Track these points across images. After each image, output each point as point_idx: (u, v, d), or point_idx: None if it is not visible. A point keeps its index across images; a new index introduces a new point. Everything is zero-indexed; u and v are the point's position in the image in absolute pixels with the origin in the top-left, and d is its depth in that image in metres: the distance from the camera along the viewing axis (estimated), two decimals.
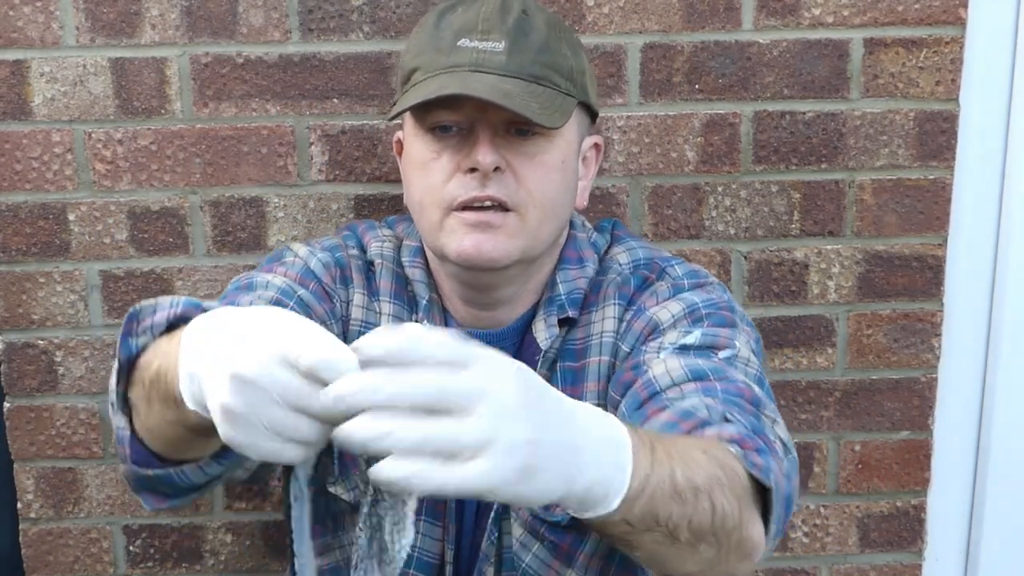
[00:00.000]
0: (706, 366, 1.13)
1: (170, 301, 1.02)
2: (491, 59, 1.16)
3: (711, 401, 1.07)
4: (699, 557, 0.95)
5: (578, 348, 1.28)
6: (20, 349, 1.61)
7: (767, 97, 1.57)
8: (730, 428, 1.03)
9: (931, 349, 1.66)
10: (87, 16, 1.51)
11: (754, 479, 1.00)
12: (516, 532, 1.27)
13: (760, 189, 1.60)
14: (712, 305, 1.23)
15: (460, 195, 1.18)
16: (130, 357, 0.99)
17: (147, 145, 1.55)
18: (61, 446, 1.64)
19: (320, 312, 1.24)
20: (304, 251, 1.31)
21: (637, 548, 0.93)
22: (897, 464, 1.70)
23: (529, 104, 1.14)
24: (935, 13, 1.55)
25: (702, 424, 1.04)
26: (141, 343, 0.99)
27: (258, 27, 1.52)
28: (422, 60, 1.20)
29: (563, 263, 1.30)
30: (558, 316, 1.27)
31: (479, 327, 1.30)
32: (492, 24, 1.17)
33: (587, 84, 1.24)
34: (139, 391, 0.98)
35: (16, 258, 1.58)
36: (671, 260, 1.31)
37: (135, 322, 1.01)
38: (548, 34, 1.20)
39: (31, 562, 1.68)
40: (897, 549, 1.73)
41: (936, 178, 1.61)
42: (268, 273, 1.27)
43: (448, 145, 1.19)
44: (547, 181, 1.20)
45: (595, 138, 1.32)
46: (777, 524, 1.04)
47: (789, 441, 1.11)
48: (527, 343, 1.29)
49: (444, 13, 1.22)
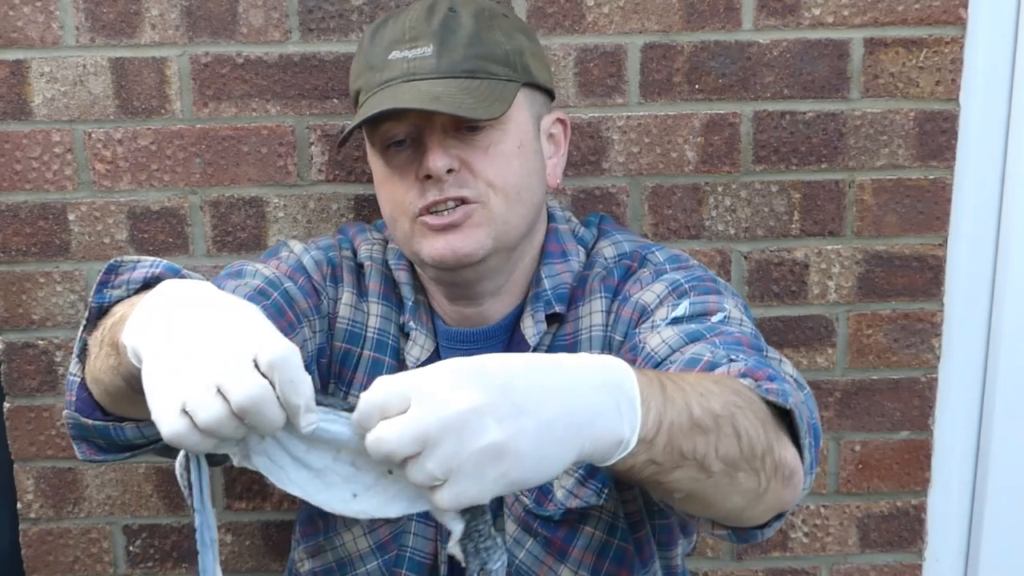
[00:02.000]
0: (700, 328, 1.13)
1: (151, 261, 1.05)
2: (421, 65, 1.18)
3: (711, 347, 1.08)
4: (740, 488, 0.95)
5: (568, 343, 1.29)
6: (20, 349, 1.61)
7: (767, 97, 1.57)
8: (737, 365, 1.03)
9: (931, 349, 1.66)
10: (87, 16, 1.51)
11: (772, 405, 0.99)
12: (510, 528, 1.27)
13: (760, 189, 1.60)
14: (694, 279, 1.23)
15: (420, 203, 1.20)
16: (101, 307, 1.02)
17: (147, 145, 1.55)
18: (61, 446, 1.64)
19: (303, 307, 1.26)
20: (299, 248, 1.34)
21: (675, 489, 0.93)
22: (897, 464, 1.70)
23: (463, 101, 1.15)
24: (935, 13, 1.55)
25: (710, 367, 1.04)
26: (115, 295, 1.02)
27: (258, 27, 1.52)
28: (362, 81, 1.24)
29: (546, 257, 1.30)
30: (545, 312, 1.28)
31: (466, 326, 1.31)
32: (419, 31, 1.19)
33: (529, 64, 1.24)
34: (97, 336, 1.01)
35: (16, 258, 1.58)
36: (652, 247, 1.32)
37: (113, 274, 1.04)
38: (477, 25, 1.20)
39: (31, 562, 1.68)
40: (897, 549, 1.73)
41: (936, 178, 1.61)
42: (261, 263, 1.30)
43: (403, 158, 1.21)
44: (506, 168, 1.21)
45: (556, 114, 1.32)
46: (810, 452, 1.03)
47: (800, 377, 1.12)
48: (516, 340, 1.29)
49: (377, 29, 1.24)
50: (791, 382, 1.06)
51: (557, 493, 1.26)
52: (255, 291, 1.22)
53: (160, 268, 1.03)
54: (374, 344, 1.31)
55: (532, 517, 1.27)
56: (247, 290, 1.22)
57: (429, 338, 1.31)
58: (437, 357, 1.30)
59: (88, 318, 1.04)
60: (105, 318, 1.02)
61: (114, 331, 0.94)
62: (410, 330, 1.30)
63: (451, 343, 1.31)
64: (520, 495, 1.26)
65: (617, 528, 1.26)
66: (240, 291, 1.21)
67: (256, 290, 1.23)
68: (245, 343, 0.77)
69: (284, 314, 1.23)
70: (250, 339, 0.78)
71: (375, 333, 1.31)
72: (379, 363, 1.30)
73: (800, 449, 1.01)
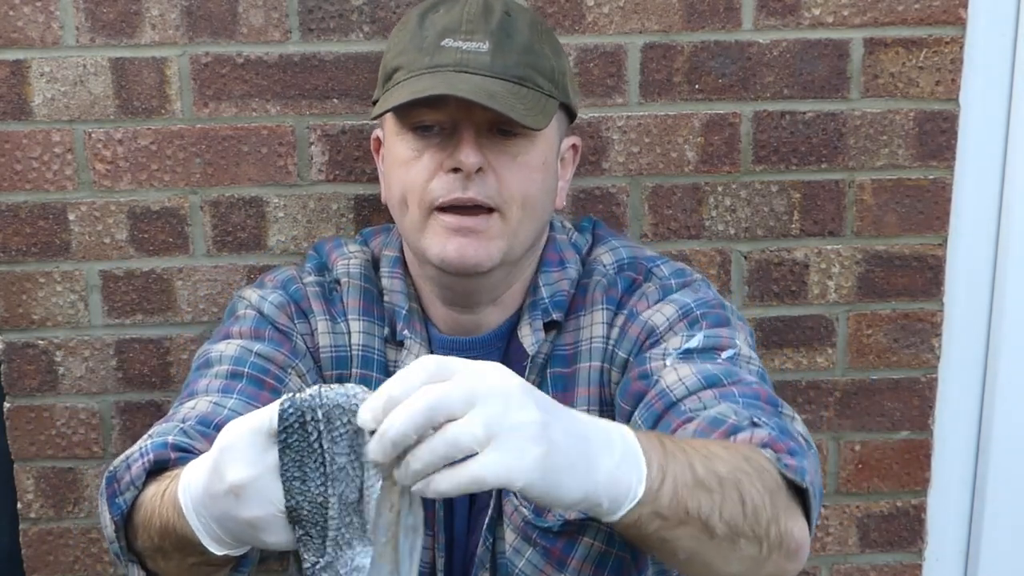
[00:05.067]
0: (716, 370, 1.13)
1: (139, 451, 1.04)
2: (475, 59, 1.16)
3: (735, 407, 1.08)
4: (742, 554, 0.95)
5: (568, 353, 1.28)
6: (20, 349, 1.61)
7: (767, 97, 1.57)
8: (760, 432, 1.03)
9: (931, 349, 1.66)
10: (87, 16, 1.51)
11: (789, 479, 1.00)
12: (509, 538, 1.27)
13: (760, 189, 1.60)
14: (704, 304, 1.23)
15: (442, 195, 1.18)
16: (123, 515, 1.02)
17: (147, 145, 1.55)
18: (61, 446, 1.64)
19: (280, 360, 1.24)
20: (255, 297, 1.30)
21: (679, 548, 0.93)
22: (897, 464, 1.70)
23: (514, 105, 1.14)
24: (935, 13, 1.55)
25: (733, 430, 1.04)
26: (129, 499, 1.02)
27: (258, 27, 1.52)
28: (404, 59, 1.20)
29: (544, 265, 1.29)
30: (543, 320, 1.27)
31: (462, 334, 1.29)
32: (476, 25, 1.18)
33: (567, 85, 1.24)
34: (148, 543, 1.00)
35: (16, 258, 1.58)
36: (655, 259, 1.31)
37: (115, 482, 1.03)
38: (531, 35, 1.20)
39: (31, 562, 1.68)
40: (897, 549, 1.73)
41: (936, 178, 1.61)
42: (223, 341, 1.27)
43: (430, 144, 1.19)
44: (529, 181, 1.20)
45: (572, 139, 1.32)
46: (814, 522, 1.04)
47: (808, 435, 1.12)
48: (513, 349, 1.28)
49: (427, 13, 1.22)
50: (801, 442, 1.07)
51: None
52: (227, 377, 1.20)
53: (152, 455, 1.03)
54: (360, 361, 1.29)
55: (531, 528, 1.26)
56: (219, 382, 1.20)
57: (423, 346, 1.29)
58: None
59: (115, 529, 1.03)
60: (140, 526, 1.01)
61: (171, 539, 0.95)
62: (404, 339, 1.28)
63: (446, 351, 1.28)
64: (519, 505, 1.26)
65: (615, 538, 1.26)
66: (213, 385, 1.19)
67: (227, 375, 1.21)
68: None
69: (263, 383, 1.21)
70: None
71: (359, 350, 1.29)
72: (367, 379, 1.28)
73: (810, 524, 1.02)
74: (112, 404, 1.63)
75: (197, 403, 1.17)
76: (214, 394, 1.18)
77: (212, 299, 1.60)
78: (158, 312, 1.60)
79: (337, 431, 0.80)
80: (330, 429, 0.80)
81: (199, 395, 1.18)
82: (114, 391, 1.63)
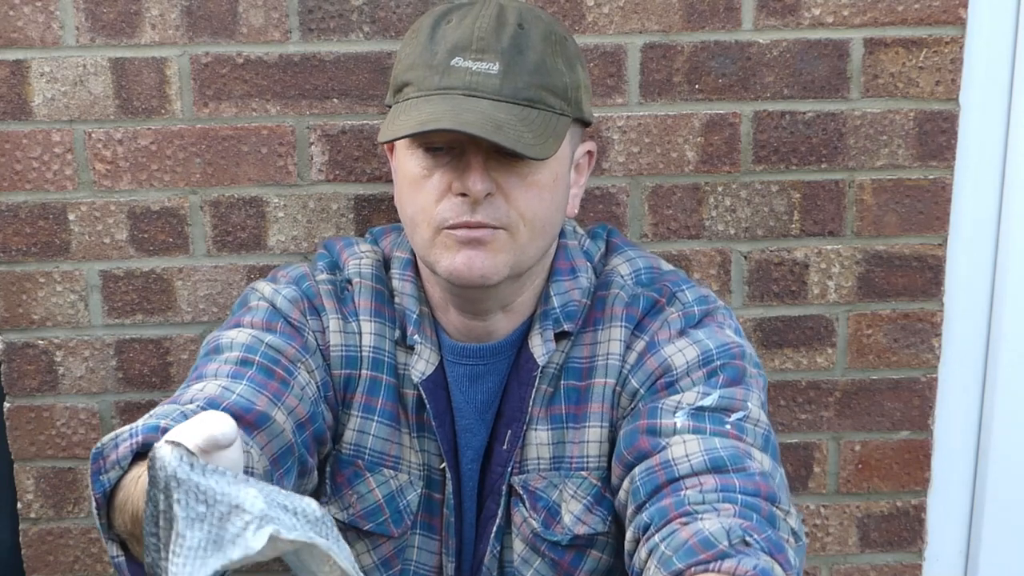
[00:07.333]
0: (723, 451, 1.13)
1: (129, 431, 1.03)
2: (485, 82, 1.14)
3: (730, 520, 1.07)
4: None
5: (583, 367, 1.27)
6: (20, 349, 1.61)
7: (767, 97, 1.57)
8: (747, 562, 1.02)
9: (931, 349, 1.66)
10: (87, 16, 1.51)
11: None
12: (518, 547, 1.28)
13: (760, 189, 1.60)
14: (724, 352, 1.22)
15: (450, 218, 1.17)
16: (105, 493, 1.01)
17: (147, 145, 1.55)
18: (61, 446, 1.64)
19: (291, 353, 1.24)
20: (269, 290, 1.30)
21: None
22: (897, 464, 1.70)
23: (522, 135, 1.13)
24: (935, 13, 1.55)
25: (721, 556, 1.03)
26: (112, 478, 1.01)
27: (258, 27, 1.52)
28: (414, 75, 1.19)
29: (555, 275, 1.28)
30: (554, 330, 1.26)
31: (472, 341, 1.29)
32: (487, 43, 1.15)
33: (582, 98, 1.22)
34: (123, 528, 0.99)
35: (16, 258, 1.58)
36: (679, 282, 1.29)
37: (102, 459, 1.02)
38: (544, 50, 1.17)
39: (31, 562, 1.68)
40: (897, 549, 1.73)
41: (936, 178, 1.61)
42: (234, 328, 1.26)
43: (439, 164, 1.18)
44: (539, 201, 1.19)
45: (588, 145, 1.30)
46: None
47: (800, 529, 1.13)
48: (523, 358, 1.27)
49: (439, 23, 1.19)
50: (791, 543, 1.09)
51: (565, 518, 1.26)
52: (237, 363, 1.20)
53: (141, 436, 1.02)
54: (370, 363, 1.28)
55: (540, 540, 1.27)
56: (230, 367, 1.19)
57: (434, 351, 1.28)
58: (442, 371, 1.28)
59: (97, 507, 1.02)
60: (118, 508, 1.00)
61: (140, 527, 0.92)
62: (414, 343, 1.27)
63: (457, 358, 1.28)
64: (528, 517, 1.26)
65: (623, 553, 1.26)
66: (223, 370, 1.19)
67: (238, 362, 1.20)
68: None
69: (273, 373, 1.20)
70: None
71: (370, 352, 1.28)
72: (377, 381, 1.28)
73: None
74: (112, 404, 1.63)
75: (206, 385, 1.16)
76: (223, 378, 1.17)
77: (212, 299, 1.60)
78: (158, 312, 1.61)
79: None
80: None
81: (208, 378, 1.18)
82: (114, 391, 1.63)
